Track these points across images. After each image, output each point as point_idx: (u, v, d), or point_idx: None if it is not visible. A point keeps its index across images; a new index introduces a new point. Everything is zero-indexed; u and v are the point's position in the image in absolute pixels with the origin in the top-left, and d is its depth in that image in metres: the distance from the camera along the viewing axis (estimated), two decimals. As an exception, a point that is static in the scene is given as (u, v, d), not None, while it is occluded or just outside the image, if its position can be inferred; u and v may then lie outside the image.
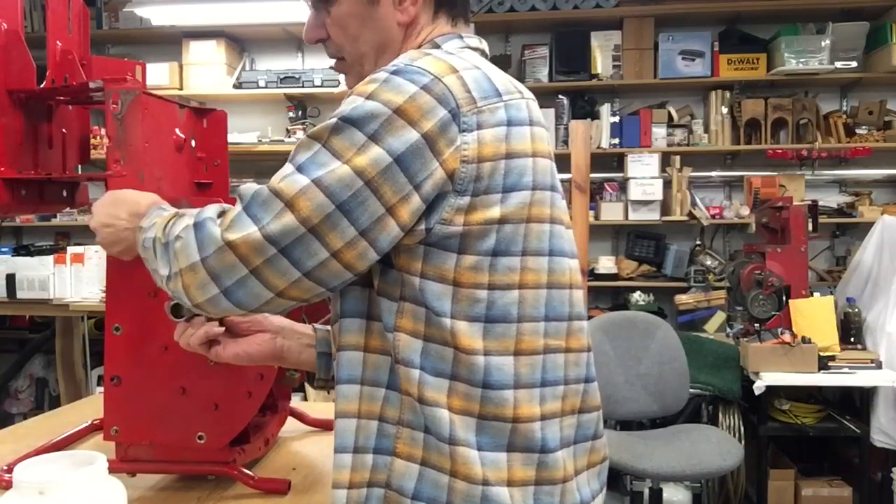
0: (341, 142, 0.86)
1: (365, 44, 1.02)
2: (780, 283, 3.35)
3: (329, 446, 1.51)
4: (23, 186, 1.34)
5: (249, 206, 0.88)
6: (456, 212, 0.88)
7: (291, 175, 0.86)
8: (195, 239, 0.89)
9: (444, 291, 0.89)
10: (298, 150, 0.89)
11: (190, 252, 0.90)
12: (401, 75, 0.87)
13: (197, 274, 0.89)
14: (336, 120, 0.87)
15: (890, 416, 3.28)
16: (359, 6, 1.00)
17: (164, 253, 0.94)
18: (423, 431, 0.91)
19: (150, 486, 1.29)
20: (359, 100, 0.87)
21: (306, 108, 4.74)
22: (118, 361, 1.24)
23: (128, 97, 1.23)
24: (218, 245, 0.88)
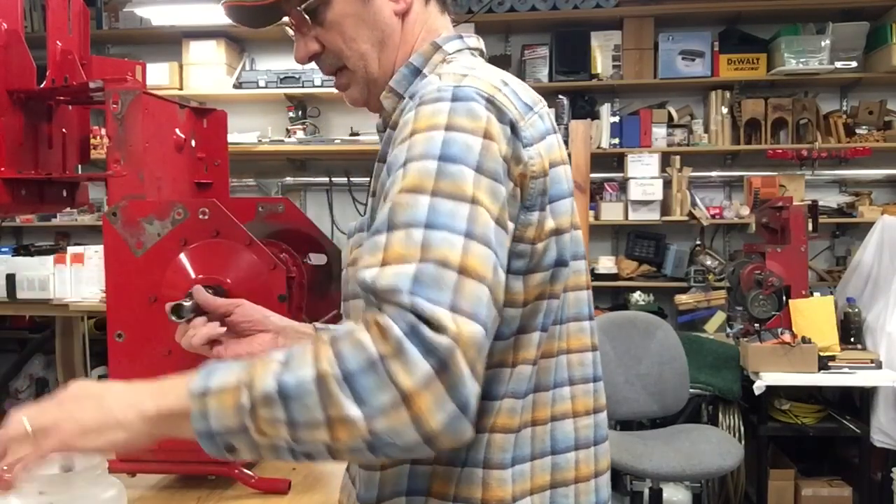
0: (455, 183, 0.75)
1: (364, 42, 0.96)
2: (780, 283, 3.35)
3: (329, 446, 1.52)
4: (23, 186, 1.35)
5: (420, 292, 0.69)
6: (527, 227, 0.84)
7: (431, 235, 0.72)
8: (417, 349, 0.68)
9: (514, 314, 0.84)
10: (400, 210, 0.74)
11: (414, 366, 0.67)
12: (463, 100, 0.81)
13: (431, 392, 0.68)
14: (434, 162, 0.76)
15: (890, 416, 3.28)
16: (352, 5, 0.95)
17: (348, 387, 0.69)
18: (461, 466, 0.85)
19: (150, 486, 1.29)
20: (438, 134, 0.78)
21: (306, 108, 4.74)
22: (122, 368, 1.24)
23: (128, 97, 1.23)
24: (446, 347, 0.68)
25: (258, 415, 0.71)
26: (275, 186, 4.86)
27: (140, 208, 1.22)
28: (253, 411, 0.71)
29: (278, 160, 4.80)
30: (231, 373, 0.74)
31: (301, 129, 4.60)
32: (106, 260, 1.23)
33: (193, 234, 1.21)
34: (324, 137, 4.67)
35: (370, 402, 0.68)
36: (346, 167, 4.79)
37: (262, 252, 1.21)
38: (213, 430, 0.74)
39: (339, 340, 0.71)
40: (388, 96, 0.97)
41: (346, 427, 0.69)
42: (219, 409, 0.73)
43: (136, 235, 1.21)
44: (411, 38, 0.98)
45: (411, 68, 0.96)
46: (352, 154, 4.63)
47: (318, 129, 4.75)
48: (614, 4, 4.28)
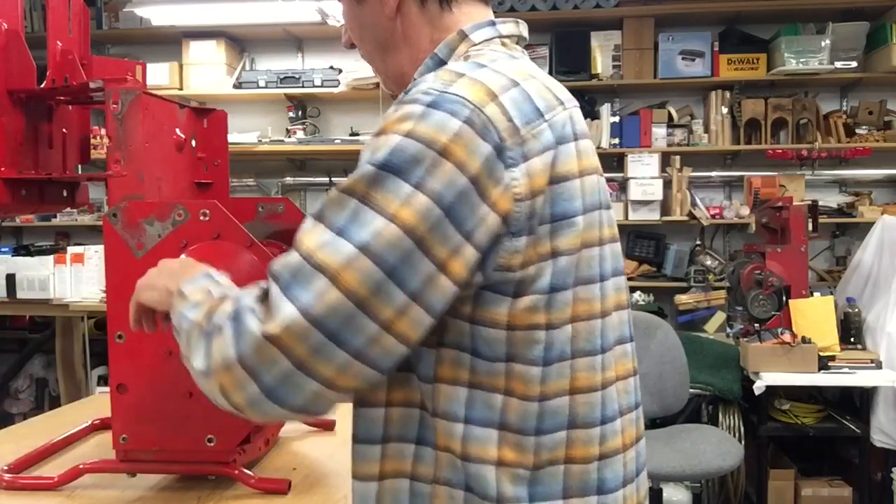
0: (383, 195, 0.74)
1: (368, 44, 0.97)
2: (780, 283, 3.35)
3: (329, 446, 1.52)
4: (23, 186, 1.35)
5: (288, 287, 0.75)
6: (513, 254, 0.79)
7: (332, 242, 0.74)
8: (233, 332, 0.76)
9: (497, 336, 0.81)
10: (330, 208, 0.77)
11: (225, 348, 0.76)
12: (439, 108, 0.76)
13: (233, 373, 0.76)
14: (373, 168, 0.76)
15: (890, 416, 3.28)
16: (351, 8, 0.96)
17: (203, 343, 0.80)
18: (463, 490, 0.83)
19: (150, 486, 1.29)
20: (394, 139, 0.76)
21: (306, 108, 4.74)
22: (123, 369, 1.24)
23: (128, 97, 1.23)
24: (256, 340, 0.75)
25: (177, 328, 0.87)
26: (275, 186, 4.86)
27: (140, 209, 1.22)
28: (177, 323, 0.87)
29: (278, 160, 4.79)
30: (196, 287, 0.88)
31: (301, 129, 4.60)
32: (106, 261, 1.23)
33: (194, 235, 1.21)
34: (324, 137, 4.68)
35: (204, 360, 0.79)
36: (346, 167, 4.78)
37: (262, 253, 1.21)
38: (174, 324, 0.89)
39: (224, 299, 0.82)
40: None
41: (192, 370, 0.82)
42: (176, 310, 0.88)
43: (137, 237, 1.21)
44: (415, 38, 0.93)
45: (435, 59, 0.92)
46: (352, 154, 4.62)
47: (318, 129, 4.75)
48: (614, 4, 4.28)
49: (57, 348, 4.12)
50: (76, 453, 1.46)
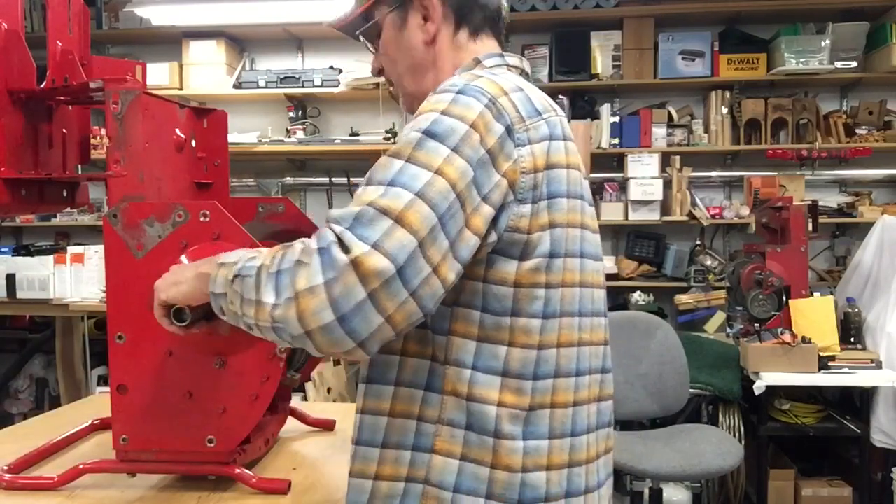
0: (428, 154, 0.89)
1: (401, 65, 1.13)
2: (780, 283, 3.35)
3: (329, 446, 1.52)
4: (23, 186, 1.35)
5: (354, 227, 0.84)
6: (520, 219, 0.95)
7: (390, 190, 0.86)
8: (320, 262, 0.83)
9: (505, 293, 0.96)
10: (379, 171, 0.90)
11: (312, 275, 0.83)
12: (465, 94, 0.94)
13: (316, 297, 0.83)
14: (417, 134, 0.91)
15: (890, 416, 3.28)
16: (392, 31, 1.12)
17: (273, 280, 0.86)
18: (464, 429, 0.97)
19: (150, 486, 1.29)
20: (433, 115, 0.92)
21: (306, 108, 4.74)
22: (123, 370, 1.24)
23: (128, 97, 1.23)
24: (343, 265, 0.82)
25: (232, 288, 0.92)
26: (275, 186, 4.86)
27: (140, 210, 1.22)
28: (230, 284, 0.92)
29: (278, 160, 4.79)
30: (240, 254, 0.95)
31: (301, 129, 4.60)
32: (106, 262, 1.23)
33: (194, 235, 1.21)
34: (324, 137, 4.68)
35: (280, 294, 0.85)
36: (346, 167, 4.79)
37: (262, 252, 1.21)
38: (215, 292, 0.95)
39: (288, 246, 0.88)
40: None
41: (261, 308, 0.87)
42: (220, 278, 0.94)
43: (137, 237, 1.21)
44: (443, 63, 1.11)
45: None
46: (352, 154, 4.62)
47: (318, 129, 4.75)
48: (614, 4, 4.28)
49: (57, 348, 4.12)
50: (76, 453, 1.46)
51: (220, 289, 0.94)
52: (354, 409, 1.04)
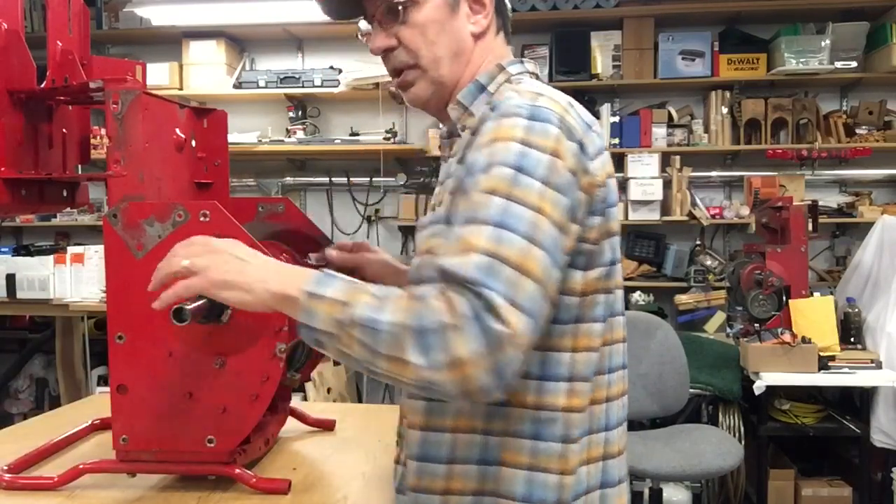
0: (524, 192, 0.89)
1: (442, 48, 1.08)
2: (780, 283, 3.35)
3: (329, 446, 1.52)
4: (23, 186, 1.34)
5: (491, 285, 0.84)
6: (590, 230, 0.98)
7: (501, 236, 0.86)
8: (477, 330, 0.83)
9: (572, 303, 0.98)
10: (480, 210, 0.88)
11: (470, 342, 0.83)
12: (537, 118, 0.94)
13: (478, 367, 0.83)
14: (509, 171, 0.90)
15: (890, 416, 3.28)
16: (440, 13, 1.07)
17: (417, 339, 0.85)
18: (531, 439, 0.98)
19: (150, 486, 1.29)
20: (514, 146, 0.92)
21: (306, 108, 4.74)
22: (123, 370, 1.24)
23: (128, 97, 1.23)
24: (503, 337, 0.83)
25: (347, 331, 0.89)
26: (275, 186, 4.86)
27: (141, 210, 1.22)
28: (345, 327, 0.89)
29: (278, 160, 4.79)
30: (338, 289, 0.91)
31: (301, 129, 4.60)
32: (106, 262, 1.23)
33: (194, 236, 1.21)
34: (324, 137, 4.68)
35: (429, 356, 0.84)
36: (346, 167, 4.79)
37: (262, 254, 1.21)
38: (312, 326, 0.92)
39: (418, 299, 0.87)
40: (455, 108, 1.10)
41: (406, 367, 0.86)
42: (321, 314, 0.91)
43: (137, 237, 1.21)
44: (479, 60, 1.11)
45: (478, 85, 1.09)
46: (352, 154, 4.63)
47: (318, 129, 4.75)
48: (614, 4, 4.28)
49: (57, 348, 4.12)
50: (76, 453, 1.46)
51: (324, 327, 0.90)
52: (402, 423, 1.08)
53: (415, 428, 1.03)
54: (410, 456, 1.03)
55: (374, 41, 1.10)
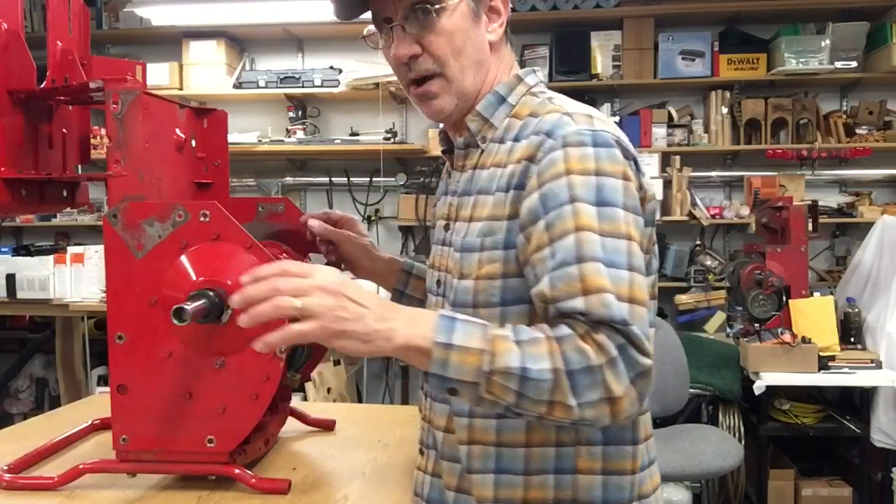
0: (612, 224, 0.93)
1: (467, 58, 1.06)
2: (780, 283, 3.35)
3: (329, 446, 1.52)
4: (23, 186, 1.34)
5: (629, 321, 0.89)
6: (646, 240, 1.02)
7: (616, 274, 0.91)
8: (625, 365, 0.88)
9: None
10: (585, 248, 0.91)
11: (622, 378, 0.88)
12: (600, 145, 0.97)
13: (628, 398, 0.89)
14: (595, 208, 0.93)
15: (890, 416, 3.28)
16: (466, 21, 1.05)
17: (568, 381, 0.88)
18: (602, 444, 1.03)
19: (150, 486, 1.29)
20: (592, 179, 0.95)
21: (306, 108, 4.74)
22: (123, 370, 1.24)
23: (128, 97, 1.23)
24: (645, 367, 0.90)
25: (493, 380, 0.89)
26: (275, 186, 4.86)
27: (141, 210, 1.22)
28: (489, 376, 0.88)
29: (278, 160, 4.79)
30: (471, 336, 0.90)
31: (301, 129, 4.60)
32: (106, 262, 1.23)
33: (194, 236, 1.21)
34: (324, 137, 4.68)
35: (584, 396, 0.88)
36: (346, 167, 4.79)
37: (262, 255, 1.21)
38: (447, 377, 0.90)
39: (563, 343, 0.89)
40: (474, 119, 1.09)
41: (563, 410, 0.89)
42: (459, 364, 0.89)
43: (137, 237, 1.21)
44: (494, 69, 1.11)
45: (497, 96, 1.09)
46: (352, 154, 4.63)
47: (318, 129, 4.75)
48: (614, 4, 4.28)
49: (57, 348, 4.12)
50: (76, 453, 1.46)
51: (463, 377, 0.89)
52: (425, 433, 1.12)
53: (487, 444, 1.04)
54: (483, 470, 1.04)
55: (398, 48, 1.06)
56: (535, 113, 1.05)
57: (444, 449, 1.09)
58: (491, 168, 1.05)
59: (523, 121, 1.05)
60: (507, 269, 1.00)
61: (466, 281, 1.03)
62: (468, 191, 1.08)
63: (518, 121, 1.06)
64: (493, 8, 1.09)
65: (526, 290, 0.98)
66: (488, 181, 1.04)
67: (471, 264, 1.03)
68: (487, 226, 1.02)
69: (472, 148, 1.10)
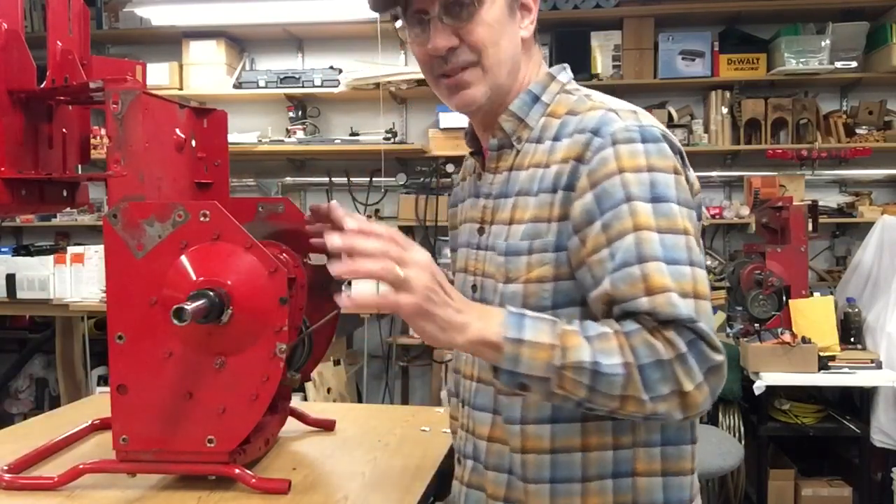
0: (668, 219, 0.94)
1: (504, 51, 1.05)
2: (780, 283, 3.35)
3: (329, 446, 1.52)
4: (23, 186, 1.34)
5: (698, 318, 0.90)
6: (698, 233, 1.01)
7: (677, 270, 0.92)
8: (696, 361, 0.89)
9: None
10: (645, 246, 0.92)
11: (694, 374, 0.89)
12: (649, 140, 0.97)
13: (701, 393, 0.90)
14: (651, 205, 0.94)
15: (890, 416, 3.28)
16: (503, 15, 1.04)
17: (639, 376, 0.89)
18: (660, 445, 1.02)
19: (150, 486, 1.29)
20: (645, 175, 0.95)
21: (306, 108, 4.74)
22: (123, 370, 1.24)
23: (128, 97, 1.23)
24: (718, 363, 0.91)
25: (564, 375, 0.89)
26: (275, 186, 4.86)
27: (141, 210, 1.22)
28: (560, 371, 0.89)
29: (278, 160, 4.79)
30: (541, 332, 0.90)
31: (301, 129, 4.60)
32: (106, 262, 1.23)
33: (194, 236, 1.21)
34: (324, 137, 4.68)
35: (655, 390, 0.89)
36: (346, 167, 4.79)
37: (262, 255, 1.21)
38: (517, 372, 0.90)
39: (632, 338, 0.90)
40: (508, 119, 1.08)
41: (636, 404, 0.90)
42: (530, 360, 0.89)
43: (137, 237, 1.21)
44: (525, 67, 1.10)
45: (531, 95, 1.08)
46: (352, 154, 4.63)
47: (318, 129, 4.75)
48: (614, 4, 4.28)
49: (57, 348, 4.12)
50: (76, 453, 1.46)
51: (534, 372, 0.90)
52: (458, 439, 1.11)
53: (542, 452, 1.02)
54: (538, 479, 1.02)
55: (435, 40, 1.02)
56: (574, 111, 1.04)
57: (488, 459, 1.07)
58: (530, 169, 1.04)
59: (561, 119, 1.04)
60: (558, 271, 0.99)
61: (515, 285, 1.02)
62: (505, 193, 1.07)
63: (555, 119, 1.05)
64: (524, 5, 1.08)
65: (577, 292, 0.98)
66: (528, 182, 1.03)
67: (518, 268, 1.02)
68: (533, 228, 1.01)
69: (507, 149, 1.09)
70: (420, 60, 1.08)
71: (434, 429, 1.62)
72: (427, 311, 0.87)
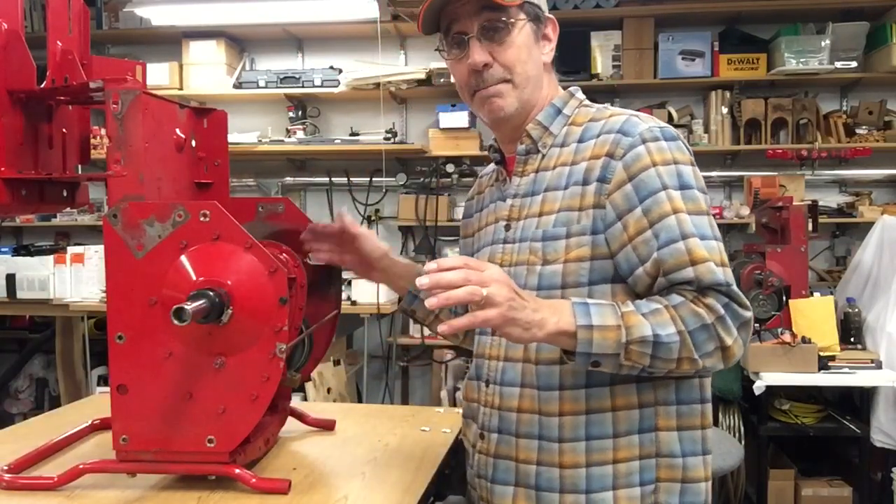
0: (694, 203, 1.15)
1: (530, 70, 1.25)
2: (780, 283, 3.35)
3: (329, 446, 1.52)
4: (23, 186, 1.34)
5: (730, 282, 1.11)
6: None
7: (708, 245, 1.12)
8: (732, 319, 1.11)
9: None
10: (683, 226, 1.12)
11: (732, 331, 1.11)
12: (669, 139, 1.18)
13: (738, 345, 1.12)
14: (680, 191, 1.15)
15: (890, 416, 3.28)
16: (530, 39, 1.25)
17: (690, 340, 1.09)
18: (675, 404, 1.19)
19: (150, 486, 1.29)
20: (672, 168, 1.16)
21: (306, 108, 4.74)
22: (123, 370, 1.24)
23: (128, 97, 1.23)
24: (748, 319, 1.13)
25: (631, 349, 1.07)
26: (275, 186, 4.86)
27: (141, 210, 1.22)
28: (627, 346, 1.07)
29: (278, 160, 4.80)
30: (606, 316, 1.08)
31: (301, 129, 4.60)
32: (106, 262, 1.23)
33: (194, 236, 1.21)
34: (324, 137, 4.68)
35: (703, 349, 1.10)
36: (346, 167, 4.79)
37: (262, 255, 1.21)
38: (591, 353, 1.07)
39: (680, 309, 1.10)
40: (535, 128, 1.27)
41: (689, 363, 1.11)
42: (601, 340, 1.07)
43: (137, 237, 1.21)
44: (545, 86, 1.29)
45: (554, 108, 1.28)
46: (352, 154, 4.63)
47: (318, 129, 4.75)
48: (614, 4, 4.28)
49: (57, 348, 4.12)
50: (76, 453, 1.46)
51: (605, 350, 1.07)
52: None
53: (578, 414, 1.17)
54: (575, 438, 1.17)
55: (474, 56, 1.21)
56: (595, 119, 1.23)
57: (519, 428, 1.20)
58: (556, 168, 1.23)
59: (583, 126, 1.23)
60: (594, 251, 1.16)
61: (554, 265, 1.18)
62: (534, 191, 1.25)
63: (577, 127, 1.24)
64: (546, 35, 1.29)
65: (610, 270, 1.16)
66: (557, 179, 1.22)
67: (557, 250, 1.18)
68: (565, 216, 1.18)
69: (533, 154, 1.27)
70: (459, 80, 1.26)
71: (434, 429, 1.62)
72: (512, 318, 1.03)
